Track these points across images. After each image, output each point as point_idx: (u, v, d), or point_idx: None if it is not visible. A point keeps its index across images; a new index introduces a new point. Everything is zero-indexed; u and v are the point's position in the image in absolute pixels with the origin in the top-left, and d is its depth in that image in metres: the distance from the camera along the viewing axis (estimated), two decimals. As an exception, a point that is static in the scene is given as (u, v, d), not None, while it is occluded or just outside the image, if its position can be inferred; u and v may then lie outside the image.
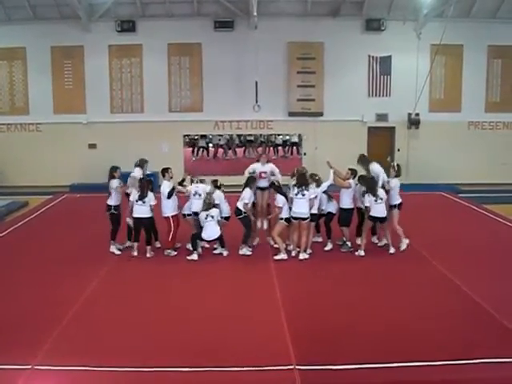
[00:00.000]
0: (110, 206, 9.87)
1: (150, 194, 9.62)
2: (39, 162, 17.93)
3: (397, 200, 9.84)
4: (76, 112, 18.03)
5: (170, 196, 9.62)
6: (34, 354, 5.90)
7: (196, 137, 25.99)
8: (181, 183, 10.00)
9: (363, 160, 10.26)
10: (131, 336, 6.42)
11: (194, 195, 9.80)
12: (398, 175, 10.02)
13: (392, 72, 18.16)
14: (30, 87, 18.21)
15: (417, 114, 18.13)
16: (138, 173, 10.08)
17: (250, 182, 9.93)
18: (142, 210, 9.57)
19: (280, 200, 9.53)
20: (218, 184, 9.88)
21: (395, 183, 9.87)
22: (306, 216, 9.40)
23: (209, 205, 9.47)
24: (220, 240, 9.71)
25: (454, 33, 16.55)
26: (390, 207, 9.81)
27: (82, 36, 17.77)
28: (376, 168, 9.99)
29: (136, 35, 17.93)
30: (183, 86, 18.40)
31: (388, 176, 9.94)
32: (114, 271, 8.94)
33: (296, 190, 9.39)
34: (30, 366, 5.65)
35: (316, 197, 9.56)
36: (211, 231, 9.47)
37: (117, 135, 17.58)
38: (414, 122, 18.30)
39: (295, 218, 9.48)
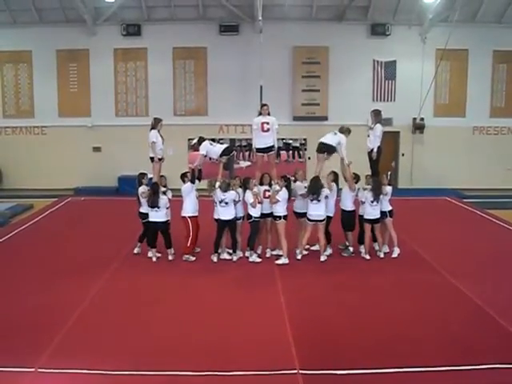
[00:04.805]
0: (145, 214, 9.75)
1: (164, 198, 9.58)
2: (44, 164, 17.96)
3: (387, 207, 9.88)
4: (81, 115, 18.07)
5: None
6: (38, 356, 5.91)
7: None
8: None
9: (377, 114, 10.46)
10: (135, 339, 6.42)
11: (220, 203, 9.46)
12: (389, 184, 10.13)
13: (397, 77, 18.14)
14: (35, 90, 18.27)
15: (421, 119, 18.09)
16: (153, 135, 10.07)
17: (246, 183, 9.73)
18: (156, 215, 9.55)
19: (282, 193, 9.54)
20: (241, 183, 9.78)
21: (387, 190, 9.89)
22: (321, 218, 9.56)
23: (227, 186, 9.49)
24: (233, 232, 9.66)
25: (459, 38, 16.56)
26: (382, 214, 9.82)
27: (88, 39, 17.85)
28: (378, 130, 10.20)
29: (141, 39, 17.98)
30: (188, 89, 18.42)
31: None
32: (118, 274, 8.94)
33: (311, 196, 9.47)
34: (34, 369, 5.66)
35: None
36: (225, 214, 9.50)
37: (121, 138, 17.58)
38: (418, 127, 18.26)
39: (311, 220, 9.60)
